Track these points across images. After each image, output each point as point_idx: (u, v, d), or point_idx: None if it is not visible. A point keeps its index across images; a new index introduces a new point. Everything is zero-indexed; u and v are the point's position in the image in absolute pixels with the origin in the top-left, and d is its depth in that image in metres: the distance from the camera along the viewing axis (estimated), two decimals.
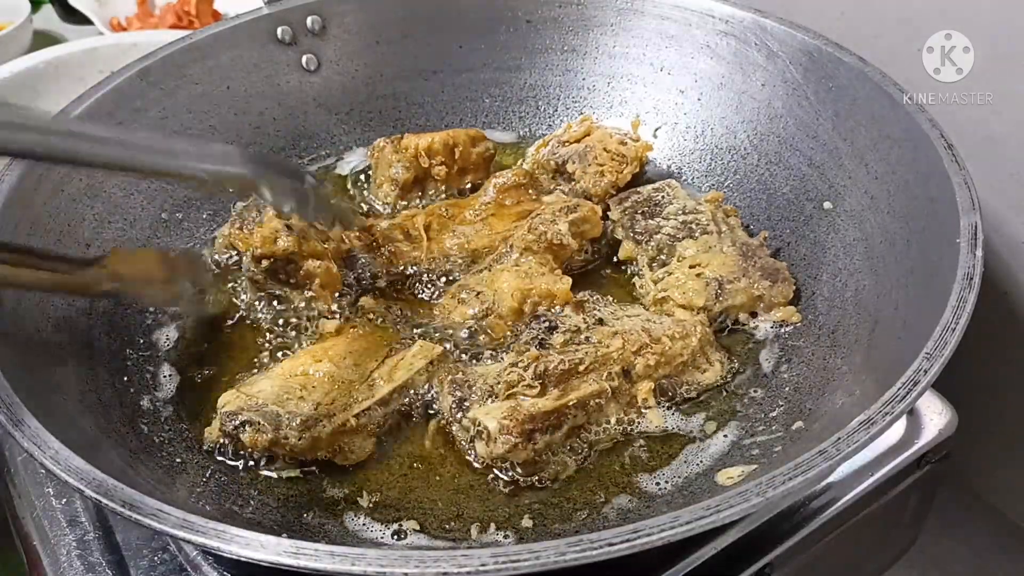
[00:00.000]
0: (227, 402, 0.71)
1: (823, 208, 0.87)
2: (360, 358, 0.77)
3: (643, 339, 0.75)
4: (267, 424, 0.69)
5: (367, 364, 0.76)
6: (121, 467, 0.63)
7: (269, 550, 0.49)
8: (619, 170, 0.97)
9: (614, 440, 0.73)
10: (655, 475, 0.71)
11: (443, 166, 0.98)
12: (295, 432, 0.69)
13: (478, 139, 1.01)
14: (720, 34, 0.98)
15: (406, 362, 0.76)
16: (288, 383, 0.73)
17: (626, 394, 0.74)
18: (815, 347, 0.79)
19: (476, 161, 1.00)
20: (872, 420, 0.55)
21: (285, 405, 0.70)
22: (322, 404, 0.71)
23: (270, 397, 0.71)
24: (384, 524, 0.68)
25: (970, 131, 0.80)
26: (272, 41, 1.02)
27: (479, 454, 0.70)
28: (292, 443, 0.69)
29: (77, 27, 1.55)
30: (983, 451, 1.05)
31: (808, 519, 0.72)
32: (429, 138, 0.98)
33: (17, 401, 0.59)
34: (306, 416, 0.70)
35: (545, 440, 0.69)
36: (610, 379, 0.72)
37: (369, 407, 0.72)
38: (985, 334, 0.82)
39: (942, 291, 0.63)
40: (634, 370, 0.74)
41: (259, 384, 0.73)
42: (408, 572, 0.46)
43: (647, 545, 0.48)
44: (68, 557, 0.70)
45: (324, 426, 0.70)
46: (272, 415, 0.69)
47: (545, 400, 0.69)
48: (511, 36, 1.08)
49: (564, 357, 0.72)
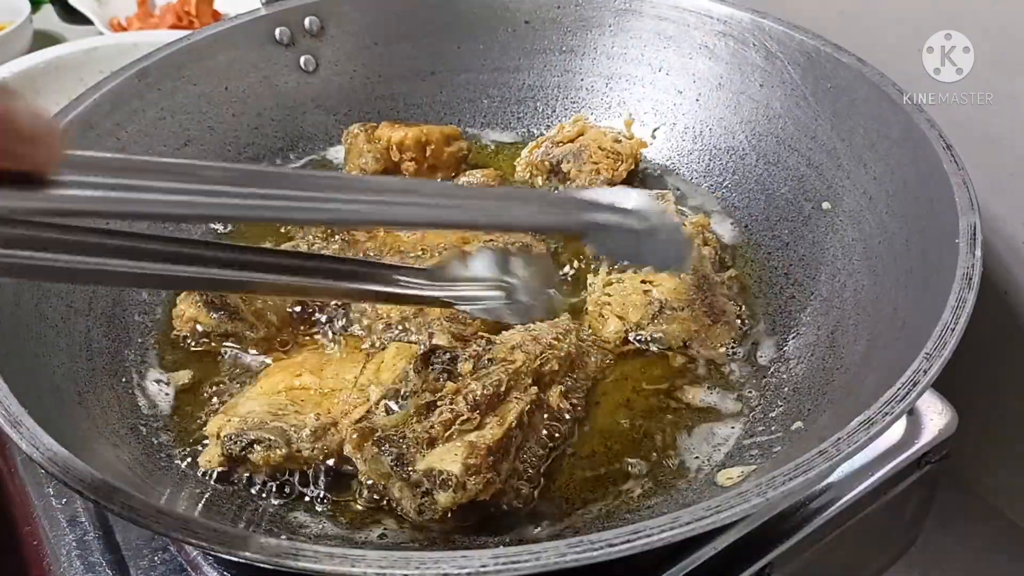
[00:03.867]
0: (221, 425, 0.69)
1: (822, 208, 0.87)
2: (339, 368, 0.76)
3: (537, 347, 0.73)
4: (278, 439, 0.67)
5: (347, 372, 0.75)
6: (120, 469, 0.63)
7: (269, 551, 0.49)
8: (614, 168, 0.97)
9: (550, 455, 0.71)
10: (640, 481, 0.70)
11: (413, 162, 0.98)
12: (307, 443, 0.68)
13: (453, 137, 1.01)
14: (718, 35, 0.98)
15: (388, 364, 0.75)
16: (275, 400, 0.72)
17: (543, 403, 0.72)
18: (814, 347, 0.79)
19: (448, 160, 1.00)
20: (872, 420, 0.55)
21: (285, 420, 0.69)
22: (321, 415, 0.70)
23: (265, 415, 0.69)
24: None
25: (970, 131, 0.80)
26: (270, 42, 1.02)
27: (440, 504, 0.63)
28: (306, 455, 0.68)
29: (77, 27, 1.54)
30: (983, 451, 1.05)
31: (808, 519, 0.72)
32: (403, 132, 0.98)
33: (15, 402, 0.59)
34: (314, 426, 0.69)
35: (505, 466, 0.66)
36: (527, 392, 0.70)
37: (368, 411, 0.71)
38: (985, 334, 0.82)
39: (941, 291, 0.63)
40: (543, 379, 0.73)
41: (244, 405, 0.71)
42: (408, 573, 0.46)
43: (648, 546, 0.48)
44: (68, 557, 0.70)
45: (333, 434, 0.69)
46: (279, 430, 0.68)
47: (491, 430, 0.65)
48: (509, 37, 1.08)
49: (484, 382, 0.68)
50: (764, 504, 0.51)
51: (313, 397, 0.72)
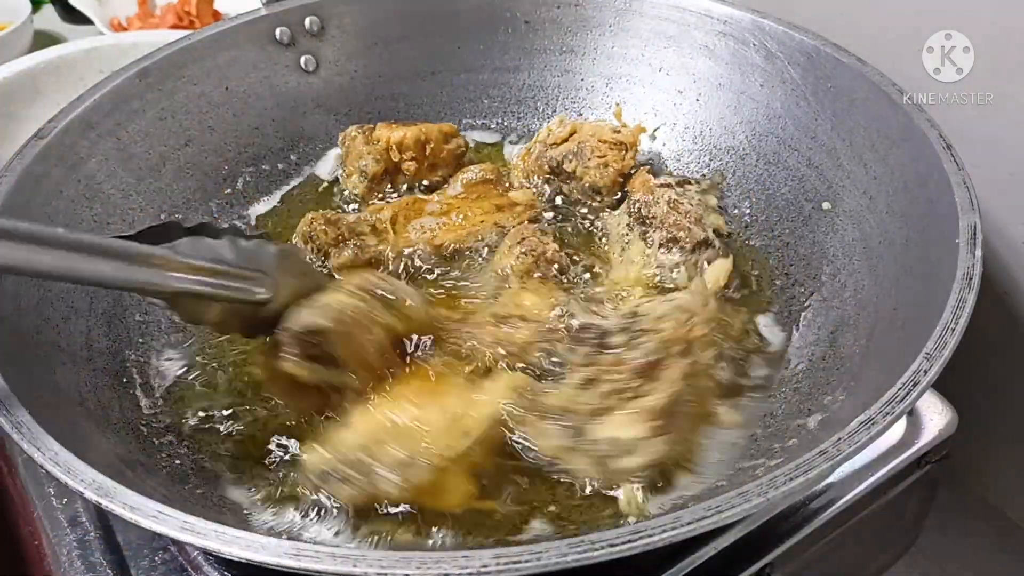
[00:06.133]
0: (313, 461, 0.67)
1: (822, 208, 0.87)
2: (438, 397, 0.73)
3: (683, 315, 0.75)
4: (366, 478, 0.65)
5: (447, 402, 0.72)
6: (121, 469, 0.63)
7: (270, 551, 0.49)
8: (621, 158, 0.97)
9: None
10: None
11: (413, 161, 0.98)
12: (396, 482, 0.65)
13: (451, 135, 1.01)
14: (718, 35, 0.98)
15: (490, 394, 0.72)
16: (371, 432, 0.69)
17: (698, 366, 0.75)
18: (814, 348, 0.79)
19: (447, 158, 1.01)
20: (872, 420, 0.55)
21: (377, 456, 0.67)
22: (414, 449, 0.67)
23: (358, 449, 0.67)
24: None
25: (970, 131, 0.80)
26: (270, 42, 1.02)
27: (624, 469, 0.66)
28: (395, 494, 0.66)
29: (77, 27, 1.55)
30: (983, 451, 1.05)
31: (808, 519, 0.72)
32: (402, 132, 0.98)
33: (16, 402, 0.59)
34: (404, 463, 0.66)
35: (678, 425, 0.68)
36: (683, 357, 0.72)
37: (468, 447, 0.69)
38: (985, 334, 0.82)
39: (941, 291, 0.63)
40: (692, 345, 0.74)
41: (340, 437, 0.69)
42: (410, 573, 0.46)
43: (649, 546, 0.48)
44: (68, 557, 0.70)
45: (424, 471, 0.66)
46: (368, 467, 0.66)
47: (659, 394, 0.68)
48: (509, 37, 1.08)
49: (638, 352, 0.71)
50: (764, 504, 0.51)
51: (411, 430, 0.69)
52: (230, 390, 0.79)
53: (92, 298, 0.80)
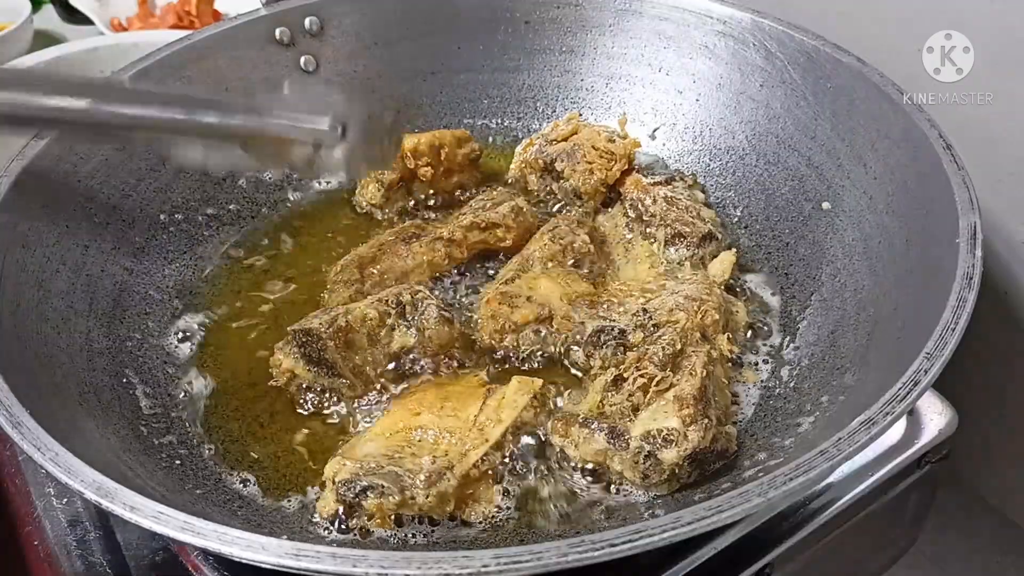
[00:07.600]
0: (337, 470, 0.66)
1: (822, 208, 0.87)
2: (457, 404, 0.72)
3: (693, 304, 0.77)
4: (392, 486, 0.64)
5: (466, 409, 0.72)
6: (121, 469, 0.63)
7: (270, 552, 0.49)
8: (608, 167, 0.97)
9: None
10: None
11: (429, 167, 0.98)
12: (421, 490, 0.65)
13: (464, 140, 1.01)
14: (718, 35, 0.98)
15: (508, 400, 0.72)
16: (392, 441, 0.69)
17: (718, 352, 0.76)
18: (814, 347, 0.79)
19: (462, 162, 1.01)
20: (872, 420, 0.55)
21: (401, 464, 0.66)
22: (437, 457, 0.67)
23: (381, 458, 0.67)
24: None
25: (969, 131, 0.80)
26: (270, 42, 1.02)
27: (666, 462, 0.66)
28: (420, 502, 0.65)
29: (77, 27, 1.55)
30: (983, 451, 1.05)
31: (808, 519, 0.72)
32: (415, 139, 0.98)
33: (16, 402, 0.59)
34: (428, 471, 0.66)
35: (712, 412, 0.69)
36: (702, 344, 0.74)
37: (487, 453, 0.68)
38: (985, 334, 0.82)
39: (942, 291, 0.63)
40: (707, 330, 0.76)
41: (362, 447, 0.69)
42: (410, 573, 0.46)
43: (649, 546, 0.48)
44: (69, 557, 0.70)
45: (449, 479, 0.66)
46: (393, 475, 0.65)
47: (688, 382, 0.69)
48: (509, 37, 1.08)
49: (660, 345, 0.73)
50: (764, 504, 0.51)
51: (432, 437, 0.69)
52: (230, 390, 0.79)
53: (92, 298, 0.80)
